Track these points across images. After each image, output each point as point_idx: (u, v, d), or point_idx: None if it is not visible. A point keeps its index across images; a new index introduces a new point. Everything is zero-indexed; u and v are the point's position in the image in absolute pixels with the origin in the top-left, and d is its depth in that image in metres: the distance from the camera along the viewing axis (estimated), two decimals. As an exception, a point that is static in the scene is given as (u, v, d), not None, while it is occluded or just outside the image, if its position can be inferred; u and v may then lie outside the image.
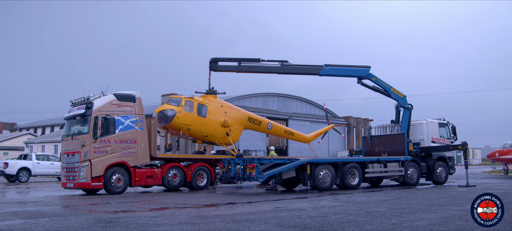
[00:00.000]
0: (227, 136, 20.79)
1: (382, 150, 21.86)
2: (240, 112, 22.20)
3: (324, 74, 21.59)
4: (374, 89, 22.32)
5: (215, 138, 20.65)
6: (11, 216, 10.78)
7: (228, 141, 21.01)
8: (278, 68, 21.56)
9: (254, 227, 8.62)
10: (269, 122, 23.94)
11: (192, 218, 10.05)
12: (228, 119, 20.71)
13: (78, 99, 17.94)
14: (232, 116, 21.20)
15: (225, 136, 20.77)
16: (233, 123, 21.13)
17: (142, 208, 12.29)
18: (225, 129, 20.66)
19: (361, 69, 21.81)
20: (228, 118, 20.76)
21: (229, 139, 20.90)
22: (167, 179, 18.67)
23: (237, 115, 21.75)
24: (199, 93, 21.06)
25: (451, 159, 22.28)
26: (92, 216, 10.49)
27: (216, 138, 20.67)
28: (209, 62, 21.43)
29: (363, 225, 8.81)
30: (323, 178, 17.70)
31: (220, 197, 15.59)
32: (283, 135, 25.91)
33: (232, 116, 21.22)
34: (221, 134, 20.64)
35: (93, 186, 16.86)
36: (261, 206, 12.47)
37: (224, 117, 20.65)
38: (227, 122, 20.60)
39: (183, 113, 19.17)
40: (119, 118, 17.54)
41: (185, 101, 19.48)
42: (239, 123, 21.76)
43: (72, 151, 17.23)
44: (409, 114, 21.83)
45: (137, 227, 8.73)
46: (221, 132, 20.59)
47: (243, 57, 21.65)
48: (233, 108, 21.94)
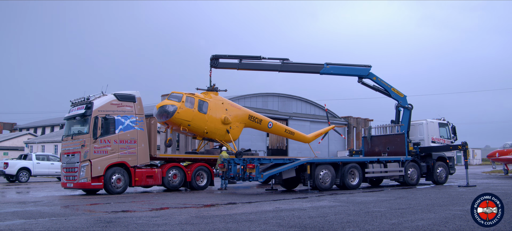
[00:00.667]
0: (227, 133, 20.83)
1: (382, 150, 21.86)
2: (241, 110, 22.24)
3: (325, 73, 21.60)
4: (374, 88, 22.33)
5: (215, 135, 20.68)
6: (11, 216, 10.78)
7: (228, 138, 21.05)
8: (278, 65, 21.59)
9: (254, 227, 8.62)
10: (269, 121, 23.96)
11: (192, 218, 10.05)
12: (228, 117, 20.75)
13: (78, 99, 17.95)
14: (232, 113, 21.24)
15: (225, 133, 20.80)
16: (234, 121, 21.18)
17: (142, 208, 12.29)
18: (226, 126, 20.69)
19: (362, 68, 21.82)
20: (228, 116, 20.81)
21: (229, 136, 20.94)
22: (167, 179, 18.67)
23: (238, 113, 21.79)
24: (200, 89, 21.06)
25: (451, 159, 22.28)
26: (92, 216, 10.49)
27: (216, 135, 20.70)
28: (210, 59, 21.45)
29: (363, 225, 8.81)
30: (323, 178, 17.70)
31: (220, 197, 15.59)
32: (283, 134, 25.91)
33: (233, 114, 21.26)
34: (222, 131, 20.67)
35: (93, 186, 16.86)
36: (261, 206, 12.47)
37: (225, 114, 20.69)
38: (227, 119, 20.63)
39: (184, 109, 19.19)
40: (119, 118, 17.54)
41: (186, 97, 19.49)
42: (240, 120, 21.80)
43: (72, 151, 17.23)
44: (409, 114, 21.83)
45: (137, 227, 8.73)
46: (221, 129, 20.62)
47: (244, 55, 21.67)
48: (234, 105, 21.98)
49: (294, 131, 26.14)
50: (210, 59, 21.43)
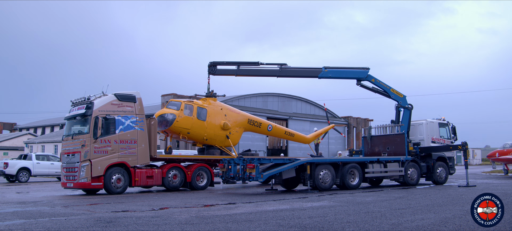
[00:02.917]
0: (227, 139, 20.81)
1: (382, 150, 21.86)
2: (240, 115, 22.21)
3: (323, 77, 21.59)
4: (373, 90, 22.34)
5: (215, 141, 20.67)
6: (11, 216, 10.78)
7: (228, 144, 21.02)
8: (277, 71, 21.57)
9: (254, 227, 8.63)
10: (269, 124, 23.95)
11: (192, 218, 10.05)
12: (228, 122, 20.73)
13: (79, 99, 17.96)
14: (232, 119, 21.22)
15: (225, 139, 20.78)
16: (233, 126, 21.17)
17: (142, 208, 12.29)
18: (225, 132, 20.68)
19: (360, 70, 21.81)
20: (228, 121, 20.78)
21: (229, 141, 20.91)
22: (167, 179, 18.68)
23: (237, 118, 21.77)
24: (200, 96, 21.08)
25: (451, 159, 22.29)
26: (92, 216, 10.49)
27: (216, 141, 20.69)
28: (208, 66, 21.43)
29: (363, 225, 8.81)
30: (323, 178, 17.71)
31: (220, 197, 15.59)
32: (283, 136, 25.90)
33: (232, 119, 21.24)
34: (221, 137, 20.66)
35: (93, 186, 16.87)
36: (261, 206, 12.47)
37: (224, 120, 20.67)
38: (227, 125, 20.61)
39: (182, 117, 19.20)
40: (119, 118, 17.55)
41: (185, 105, 19.51)
42: (239, 125, 21.78)
43: (72, 151, 17.24)
44: (409, 114, 21.83)
45: (137, 227, 8.74)
46: (221, 135, 20.60)
47: (242, 61, 21.68)
48: (233, 110, 21.96)
49: (294, 133, 26.12)
50: (208, 66, 21.40)
